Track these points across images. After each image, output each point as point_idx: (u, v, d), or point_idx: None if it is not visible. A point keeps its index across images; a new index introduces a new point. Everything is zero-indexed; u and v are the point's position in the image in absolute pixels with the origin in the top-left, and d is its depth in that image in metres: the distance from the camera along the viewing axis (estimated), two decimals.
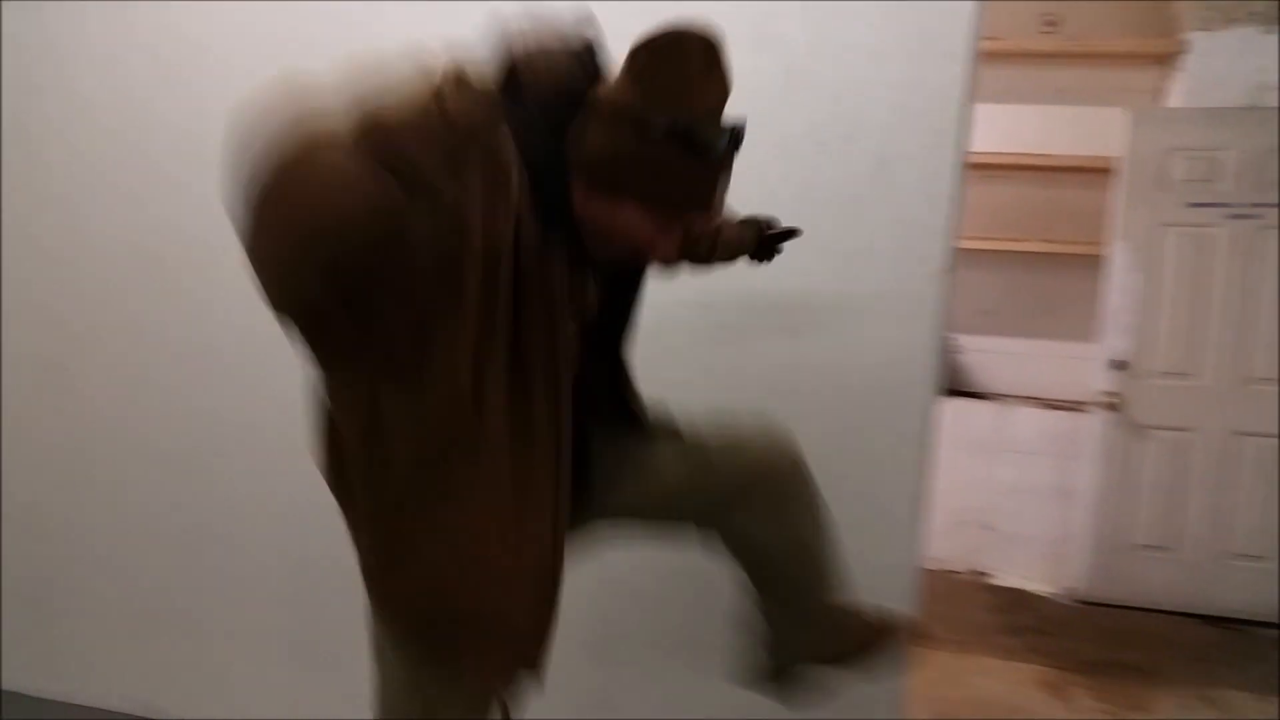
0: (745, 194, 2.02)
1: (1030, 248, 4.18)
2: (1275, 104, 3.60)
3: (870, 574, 2.08)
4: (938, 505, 4.27)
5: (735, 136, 1.14)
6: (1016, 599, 3.96)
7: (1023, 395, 4.29)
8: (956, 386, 4.41)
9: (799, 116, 1.98)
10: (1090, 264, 3.93)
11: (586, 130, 1.10)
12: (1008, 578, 4.17)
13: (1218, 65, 3.70)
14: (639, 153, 1.10)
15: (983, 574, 4.22)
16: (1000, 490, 4.18)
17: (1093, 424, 3.85)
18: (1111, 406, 3.78)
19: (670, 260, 1.29)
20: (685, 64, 1.09)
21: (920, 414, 2.06)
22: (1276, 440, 3.63)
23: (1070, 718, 2.92)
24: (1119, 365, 3.76)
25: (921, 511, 2.09)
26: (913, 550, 2.07)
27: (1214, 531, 3.74)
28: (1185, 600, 3.79)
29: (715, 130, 1.12)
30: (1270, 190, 3.56)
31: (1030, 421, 4.12)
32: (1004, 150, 4.16)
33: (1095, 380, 3.83)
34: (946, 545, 4.26)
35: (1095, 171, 3.92)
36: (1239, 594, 3.67)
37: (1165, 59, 3.87)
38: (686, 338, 2.10)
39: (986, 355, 4.40)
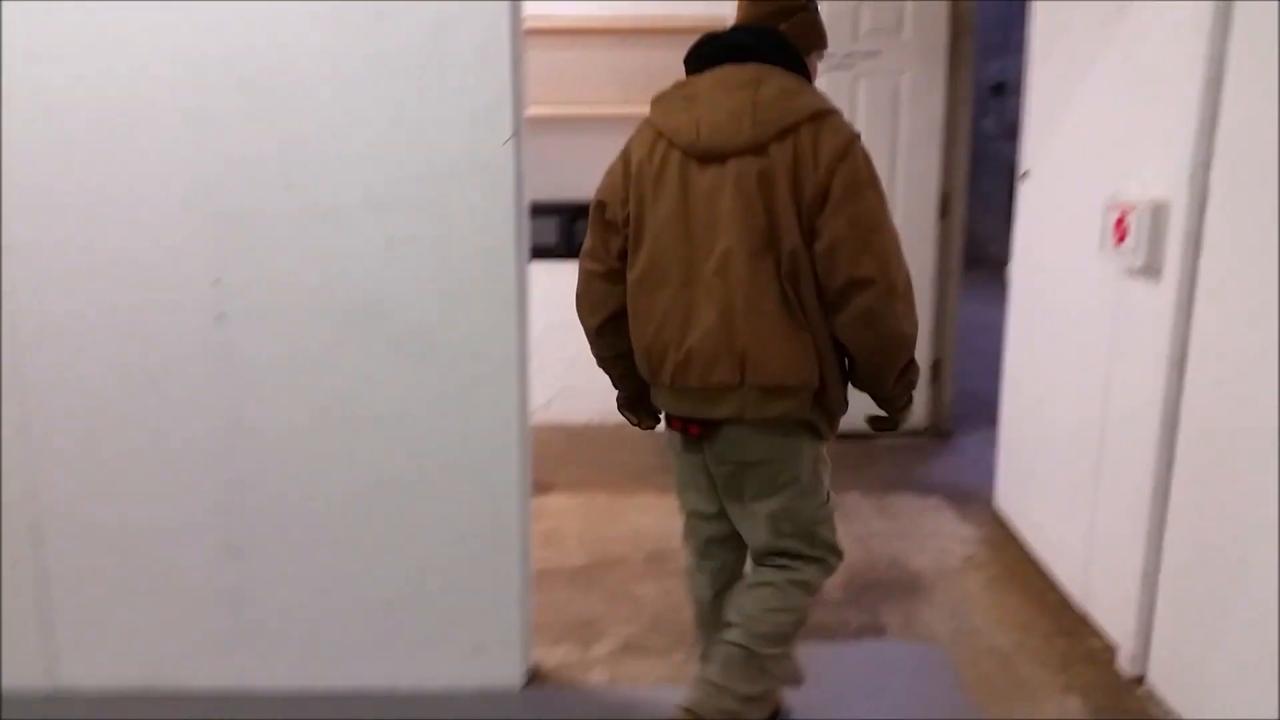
0: (310, 69, 2.00)
1: None
2: None
3: (484, 421, 2.22)
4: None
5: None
6: None
7: None
8: None
9: None
10: None
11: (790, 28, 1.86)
12: None
13: None
14: (807, 19, 1.88)
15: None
16: None
17: None
18: None
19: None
20: None
21: (511, 278, 2.15)
22: None
23: None
24: None
25: (523, 368, 2.21)
26: (519, 406, 2.19)
27: None
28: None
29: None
30: (862, 39, 3.93)
31: None
32: (631, 14, 4.30)
33: None
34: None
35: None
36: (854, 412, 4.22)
37: None
38: (282, 225, 2.07)
39: None
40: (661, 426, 2.03)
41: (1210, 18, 2.00)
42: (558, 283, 4.47)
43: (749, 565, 2.02)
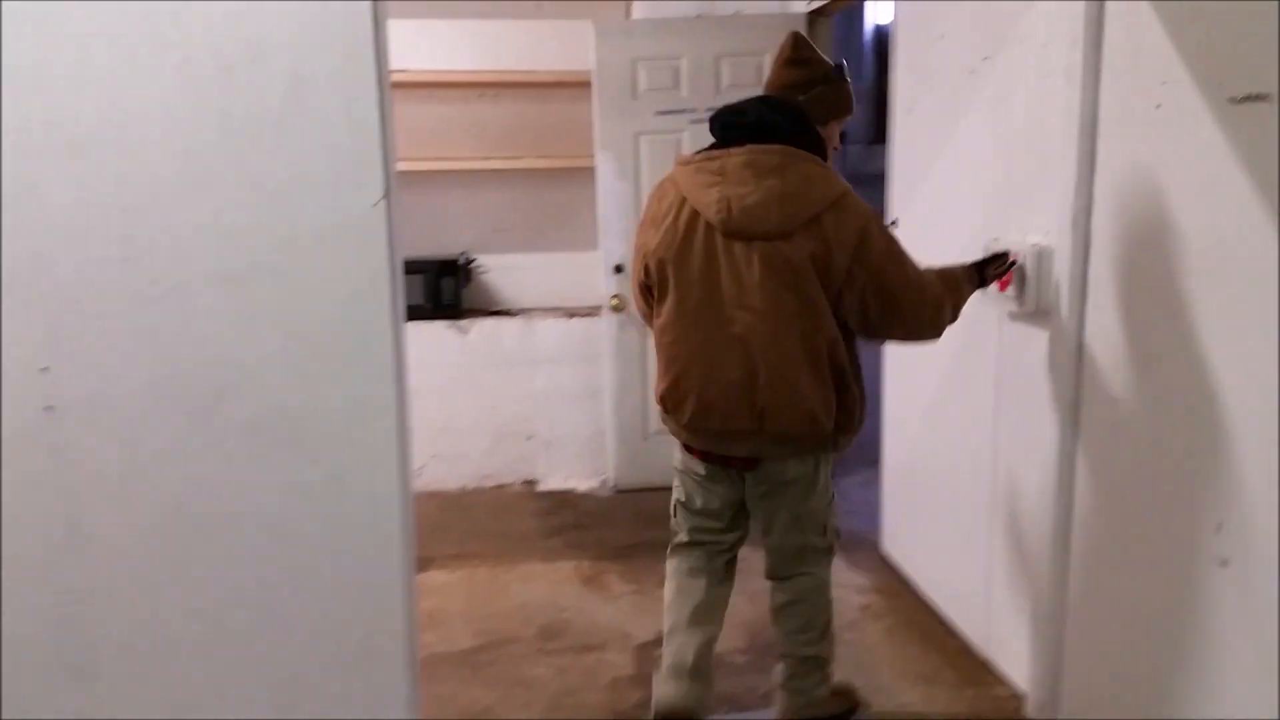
0: (149, 130, 1.79)
1: (531, 164, 4.29)
2: (720, 13, 3.98)
3: (360, 508, 2.01)
4: (482, 424, 4.37)
5: (844, 70, 2.24)
6: (560, 500, 4.17)
7: (546, 307, 4.45)
8: (486, 306, 4.46)
9: (197, 36, 1.75)
10: (586, 175, 4.12)
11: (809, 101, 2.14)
12: (553, 481, 4.37)
13: None
14: (829, 92, 2.19)
15: (532, 482, 4.39)
16: (538, 400, 4.34)
17: (606, 326, 4.10)
18: (617, 308, 4.05)
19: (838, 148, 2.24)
20: (812, 45, 2.27)
21: (386, 349, 1.96)
22: None
23: (605, 603, 3.14)
24: (619, 269, 4.02)
25: (404, 438, 2.02)
26: (400, 478, 1.99)
27: None
28: None
29: (840, 68, 2.23)
30: (722, 94, 3.94)
31: (554, 331, 4.30)
32: (492, 68, 4.19)
33: (603, 285, 4.07)
34: (495, 460, 4.36)
35: (577, 85, 4.08)
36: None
37: None
38: (119, 303, 1.82)
39: (508, 272, 4.48)
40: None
41: (1081, 67, 2.04)
42: (426, 344, 4.30)
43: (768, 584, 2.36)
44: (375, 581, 2.01)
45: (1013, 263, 2.30)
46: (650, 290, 2.18)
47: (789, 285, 1.98)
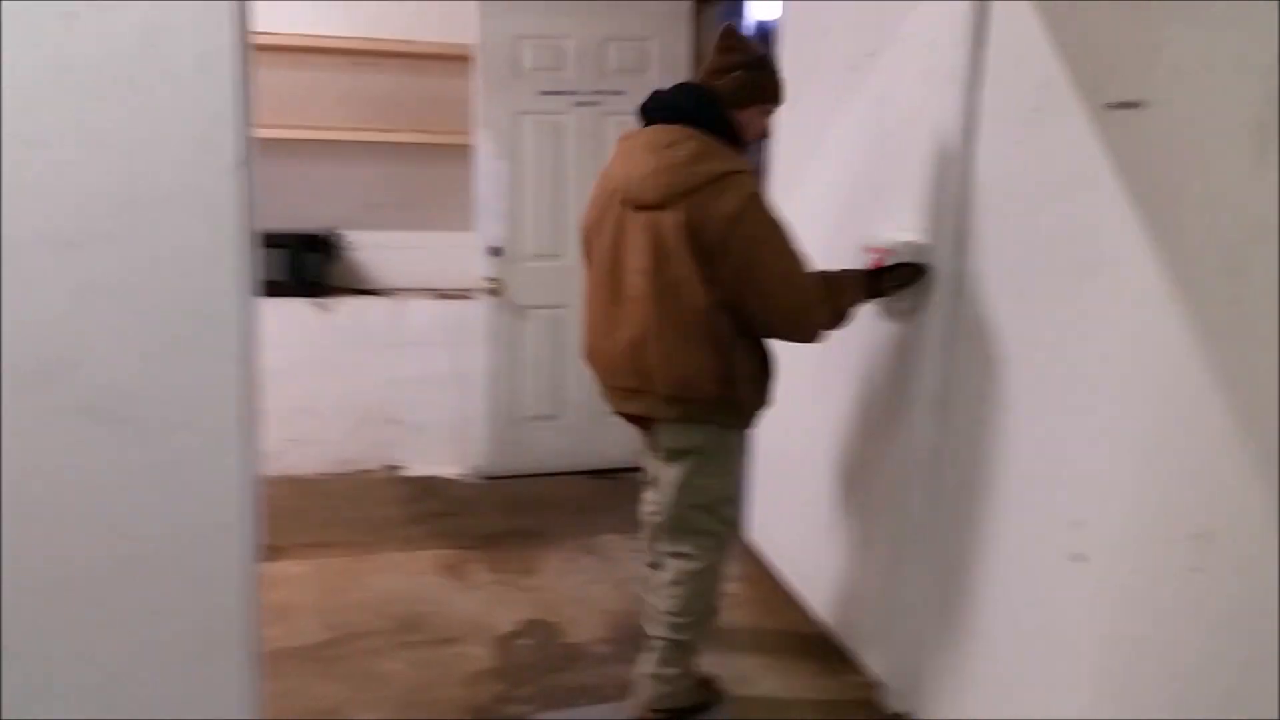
0: None
1: (406, 138, 4.13)
2: None
3: (198, 493, 1.88)
4: (345, 407, 4.19)
5: (768, 59, 2.29)
6: (426, 487, 4.05)
7: (416, 288, 4.31)
8: (353, 284, 4.28)
9: None
10: (464, 153, 3.99)
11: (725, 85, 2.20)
12: (418, 467, 4.24)
13: None
14: (746, 78, 2.20)
15: (396, 467, 4.24)
16: (404, 384, 4.19)
17: (479, 310, 4.00)
18: (493, 291, 3.95)
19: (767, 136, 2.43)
20: (740, 35, 2.27)
21: (233, 326, 1.83)
22: None
23: (465, 593, 3.06)
24: (495, 251, 3.92)
25: (252, 420, 1.89)
26: (244, 462, 1.87)
27: (590, 396, 4.15)
28: (571, 460, 4.19)
29: (764, 57, 2.29)
30: (608, 78, 3.90)
31: (425, 313, 4.16)
32: (369, 36, 4.01)
33: (478, 267, 3.96)
34: (357, 444, 4.20)
35: (459, 59, 3.95)
36: (612, 448, 4.13)
37: None
38: None
39: (378, 250, 4.31)
40: None
41: (965, 67, 2.08)
42: (286, 323, 4.09)
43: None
44: (212, 571, 1.88)
45: (911, 274, 2.27)
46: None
47: (664, 253, 2.11)
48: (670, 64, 3.96)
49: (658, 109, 2.23)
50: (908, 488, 2.33)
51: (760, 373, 2.25)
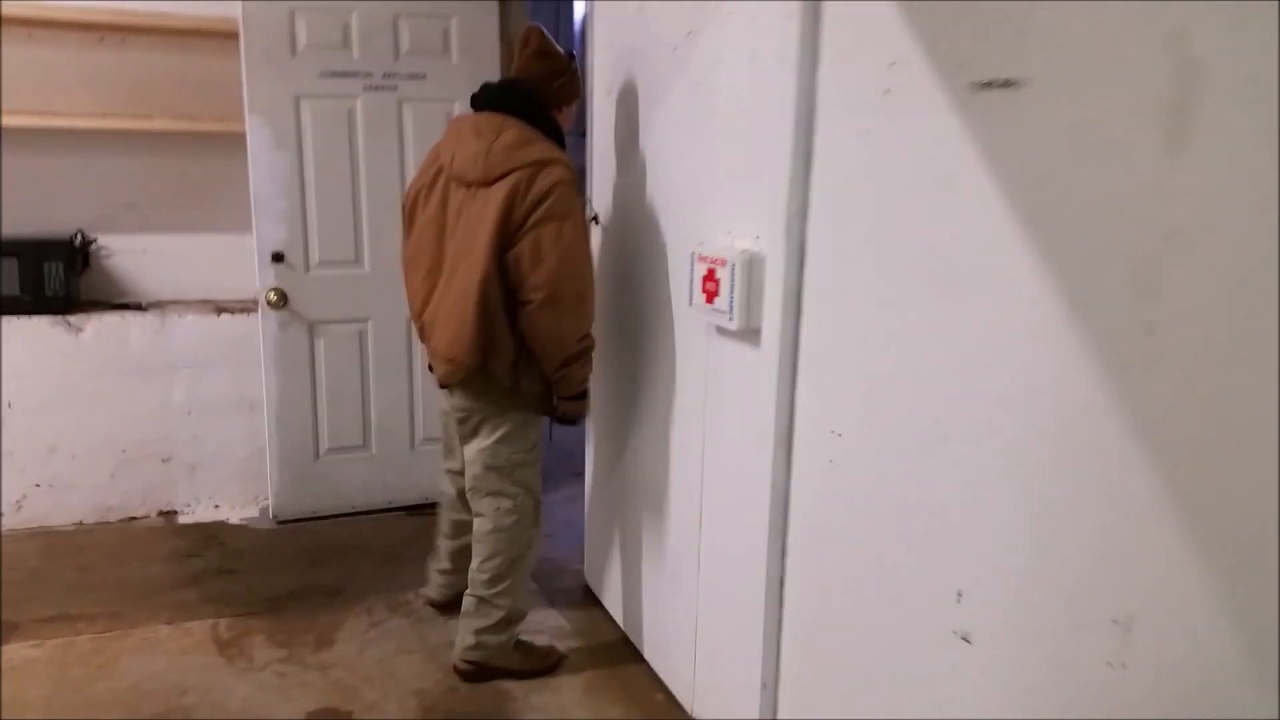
0: None
1: (165, 126, 3.51)
2: None
3: None
4: (104, 444, 3.54)
5: (574, 57, 2.54)
6: (206, 536, 3.47)
7: (186, 300, 3.69)
8: (109, 298, 3.62)
9: None
10: (237, 144, 3.42)
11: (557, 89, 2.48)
12: (199, 511, 3.65)
13: None
14: (567, 82, 2.50)
15: (171, 513, 3.63)
16: (175, 414, 3.58)
17: (263, 325, 3.44)
18: (276, 305, 3.40)
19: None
20: (549, 38, 2.49)
21: None
22: None
23: (242, 676, 2.53)
24: (277, 257, 3.37)
25: None
26: None
27: (399, 422, 3.67)
28: (382, 496, 3.70)
29: (571, 55, 2.53)
30: (403, 59, 3.41)
31: (197, 329, 3.56)
32: (113, 8, 3.37)
33: (257, 276, 3.40)
34: (122, 488, 3.58)
35: (227, 36, 3.36)
36: (428, 480, 3.67)
37: None
38: None
39: (137, 256, 3.66)
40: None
41: (796, 46, 1.75)
42: (25, 346, 3.41)
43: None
44: None
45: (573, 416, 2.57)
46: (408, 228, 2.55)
47: (473, 226, 2.32)
48: (476, 46, 3.52)
49: (488, 100, 2.43)
50: (751, 537, 2.00)
51: (520, 356, 2.38)
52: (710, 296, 2.07)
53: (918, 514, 1.54)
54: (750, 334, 1.98)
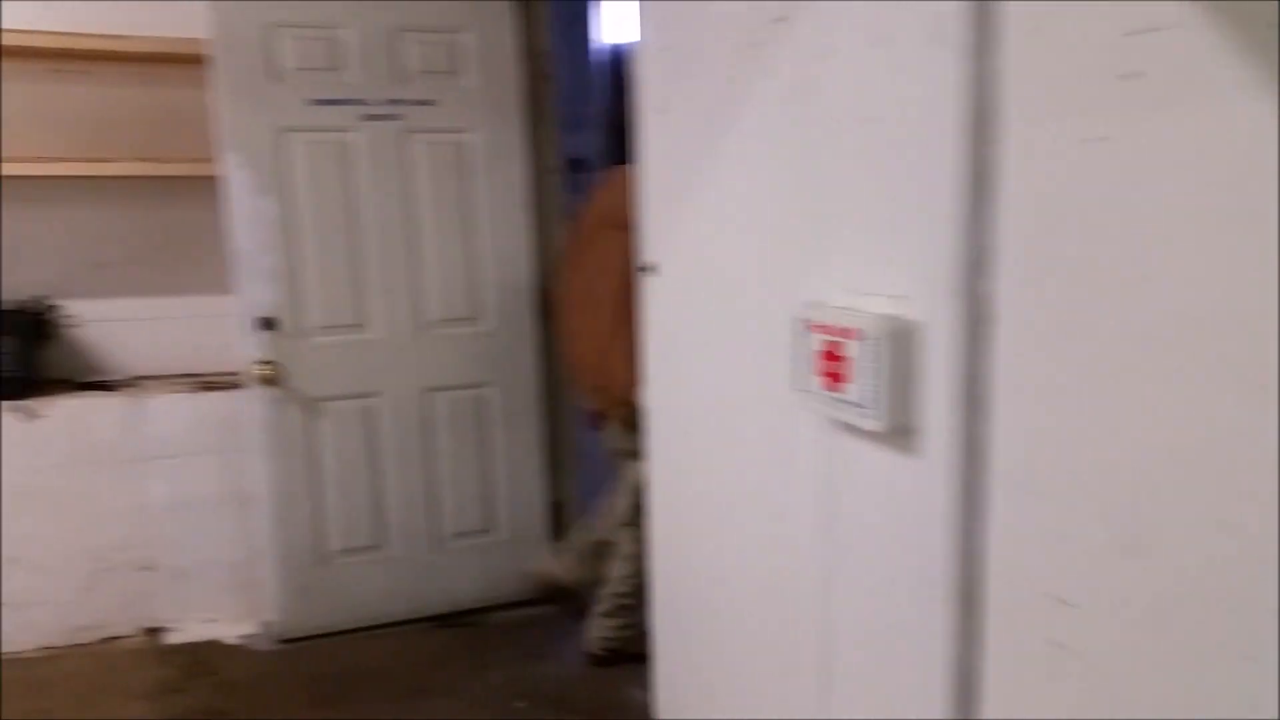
0: None
1: (135, 170, 2.98)
2: None
3: None
4: (74, 551, 2.98)
5: None
6: (195, 661, 2.89)
7: (163, 375, 3.15)
8: (76, 376, 3.09)
9: None
10: (216, 187, 2.87)
11: None
12: (188, 628, 3.08)
13: None
14: None
15: (156, 630, 3.07)
16: (156, 512, 3.03)
17: (252, 404, 2.88)
18: (270, 378, 2.85)
19: None
20: None
21: None
22: (469, 392, 3.08)
23: None
24: (267, 324, 2.82)
25: None
26: None
27: (423, 512, 3.09)
28: (404, 606, 3.10)
29: None
30: (411, 82, 2.86)
31: (177, 412, 3.01)
32: (70, 31, 2.86)
33: (245, 345, 2.85)
34: (96, 603, 3.02)
35: (198, 61, 2.83)
36: (459, 582, 3.09)
37: None
38: None
39: (109, 325, 3.13)
40: None
41: (962, 17, 1.15)
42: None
43: None
44: None
45: None
46: None
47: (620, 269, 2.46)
48: (494, 66, 2.96)
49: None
50: (919, 674, 1.38)
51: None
52: (833, 380, 1.46)
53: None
54: (901, 435, 1.37)
